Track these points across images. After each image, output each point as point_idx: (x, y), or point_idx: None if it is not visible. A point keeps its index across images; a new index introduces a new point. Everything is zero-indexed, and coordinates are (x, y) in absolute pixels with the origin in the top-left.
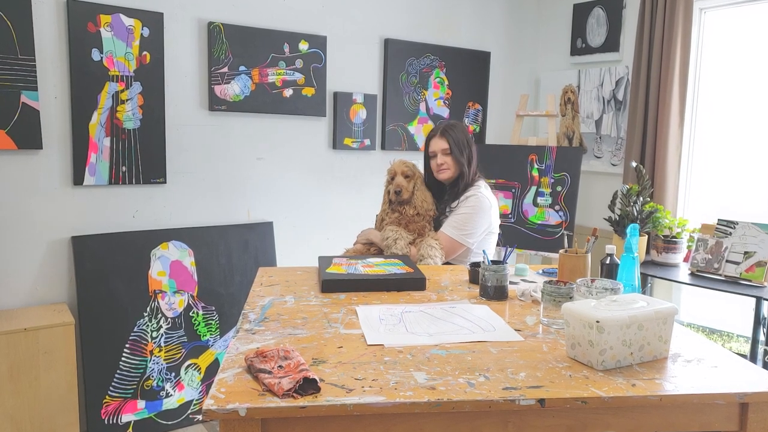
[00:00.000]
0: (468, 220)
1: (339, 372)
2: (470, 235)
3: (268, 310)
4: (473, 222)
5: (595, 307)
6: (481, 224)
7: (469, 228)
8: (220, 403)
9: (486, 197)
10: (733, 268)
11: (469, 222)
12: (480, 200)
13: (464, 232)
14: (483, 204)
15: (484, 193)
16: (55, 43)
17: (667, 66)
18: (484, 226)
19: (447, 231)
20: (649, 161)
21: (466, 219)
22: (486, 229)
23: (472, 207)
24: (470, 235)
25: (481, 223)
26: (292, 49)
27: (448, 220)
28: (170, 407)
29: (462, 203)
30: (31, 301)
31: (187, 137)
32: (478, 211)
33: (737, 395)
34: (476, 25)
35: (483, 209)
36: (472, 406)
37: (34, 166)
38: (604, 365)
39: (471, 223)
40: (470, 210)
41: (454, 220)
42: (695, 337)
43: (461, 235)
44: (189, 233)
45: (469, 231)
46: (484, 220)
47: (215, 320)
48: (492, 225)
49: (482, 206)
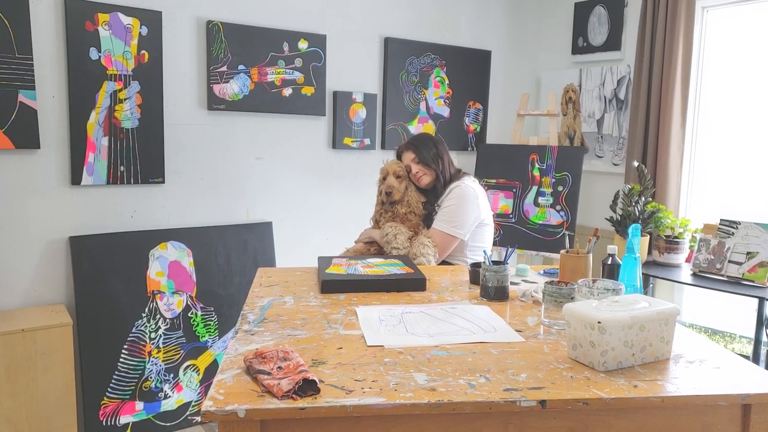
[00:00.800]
0: (456, 212)
1: (339, 373)
2: (460, 226)
3: (267, 310)
4: (461, 212)
5: (597, 308)
6: (469, 214)
7: (458, 219)
8: (219, 405)
9: (470, 187)
10: (736, 268)
11: (457, 213)
12: (464, 190)
13: (454, 224)
14: (467, 193)
15: (467, 184)
16: (53, 41)
17: (669, 65)
18: (473, 215)
19: (437, 226)
20: (651, 161)
21: (453, 211)
22: (475, 218)
23: (456, 198)
24: (460, 226)
25: (469, 212)
26: (292, 48)
27: (437, 216)
28: (169, 409)
29: (447, 197)
30: (29, 301)
31: (186, 137)
32: (464, 201)
33: (740, 397)
34: (477, 24)
35: (468, 198)
36: (472, 407)
37: (31, 165)
38: (605, 366)
39: (459, 214)
40: (455, 201)
41: (442, 214)
42: (697, 338)
43: (452, 228)
44: (188, 233)
45: (458, 222)
46: (471, 209)
47: (214, 321)
48: (482, 215)
49: (467, 195)
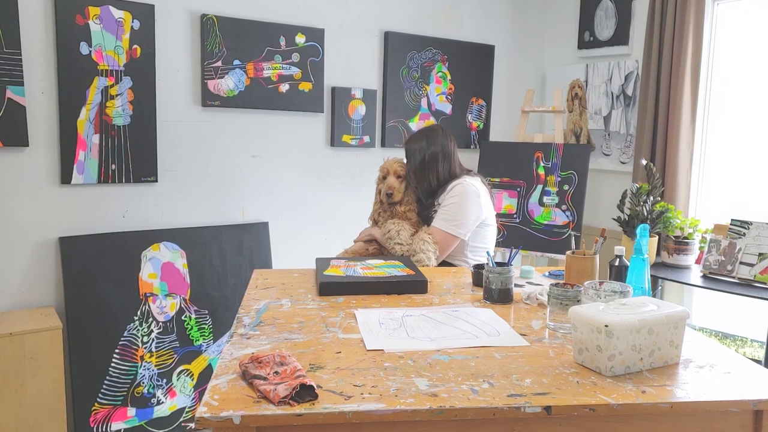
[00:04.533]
0: (457, 210)
1: (337, 378)
2: (461, 225)
3: (263, 313)
4: (462, 211)
5: (604, 311)
6: (470, 212)
7: (458, 218)
8: (214, 411)
9: (472, 185)
10: (747, 270)
11: (458, 212)
12: (466, 188)
13: (454, 222)
14: (469, 191)
15: (469, 182)
16: (42, 36)
17: (678, 60)
18: (475, 214)
19: (438, 224)
20: (660, 159)
21: (454, 209)
22: (477, 217)
23: (458, 196)
24: (461, 225)
25: (470, 211)
26: (289, 43)
27: (437, 214)
28: (162, 415)
29: (447, 195)
30: (17, 304)
31: (180, 134)
32: (465, 199)
33: (751, 402)
34: (480, 18)
35: (470, 196)
36: (475, 413)
37: (20, 164)
38: (612, 371)
39: (461, 213)
40: (457, 199)
41: (443, 212)
42: (707, 342)
43: (452, 227)
44: (181, 234)
45: (459, 221)
46: (473, 208)
47: (208, 324)
48: (484, 214)
49: (468, 193)
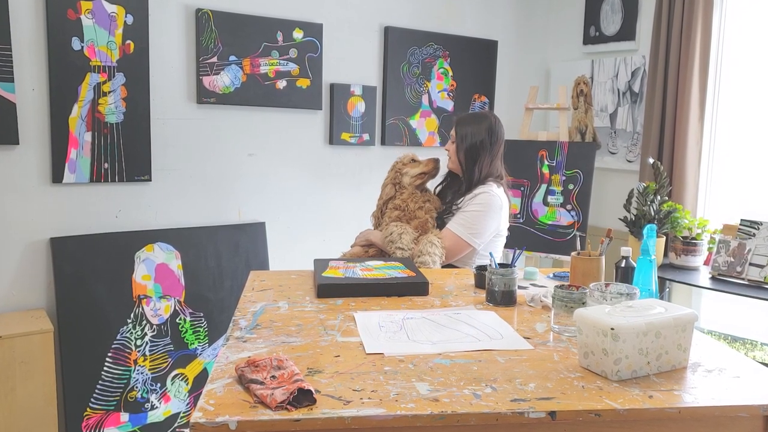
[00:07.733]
0: (477, 219)
1: (336, 383)
2: (478, 235)
3: (260, 316)
4: (483, 221)
5: (610, 314)
6: (490, 224)
7: (478, 227)
8: (209, 416)
9: (497, 196)
10: (757, 271)
11: (478, 221)
12: (491, 198)
13: (472, 231)
14: (494, 203)
15: (496, 192)
16: (33, 31)
17: (686, 55)
18: (493, 226)
19: (453, 228)
20: (668, 157)
21: (475, 217)
22: (495, 229)
23: (482, 205)
24: (478, 235)
25: (490, 223)
26: (286, 38)
27: (455, 217)
28: (156, 420)
29: (471, 201)
30: (7, 306)
31: (174, 132)
32: (489, 210)
33: (761, 408)
34: (482, 12)
35: (493, 208)
36: (478, 419)
37: (10, 162)
38: (619, 375)
39: (480, 223)
40: (480, 208)
41: (462, 218)
42: (716, 345)
43: (468, 234)
44: (176, 234)
45: (477, 230)
46: (493, 220)
47: (204, 327)
48: (501, 227)
49: (493, 205)
